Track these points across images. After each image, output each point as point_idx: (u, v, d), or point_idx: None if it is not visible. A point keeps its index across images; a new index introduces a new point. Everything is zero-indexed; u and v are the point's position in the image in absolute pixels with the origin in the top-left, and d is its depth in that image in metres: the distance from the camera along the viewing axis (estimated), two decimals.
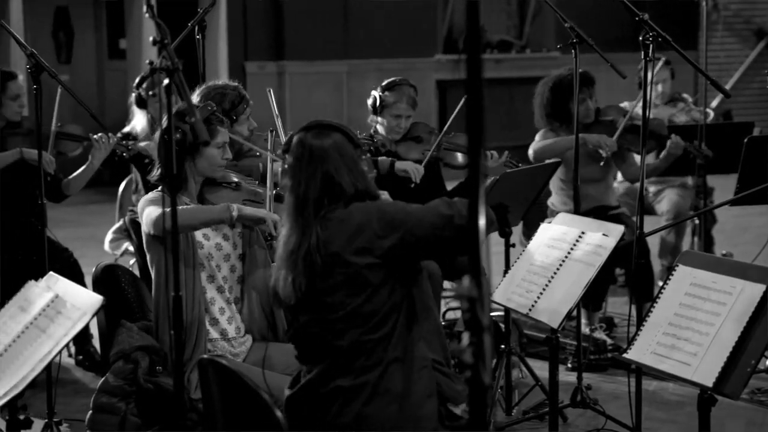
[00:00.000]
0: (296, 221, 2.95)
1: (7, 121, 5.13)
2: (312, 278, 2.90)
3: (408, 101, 5.05)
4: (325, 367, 2.93)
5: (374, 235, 2.86)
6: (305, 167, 2.95)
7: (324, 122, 3.05)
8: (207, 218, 3.60)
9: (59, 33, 12.45)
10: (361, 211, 2.90)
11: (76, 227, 8.90)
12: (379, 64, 11.29)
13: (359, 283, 2.87)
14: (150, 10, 2.82)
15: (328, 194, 2.92)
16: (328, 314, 2.91)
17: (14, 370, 2.89)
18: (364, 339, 2.88)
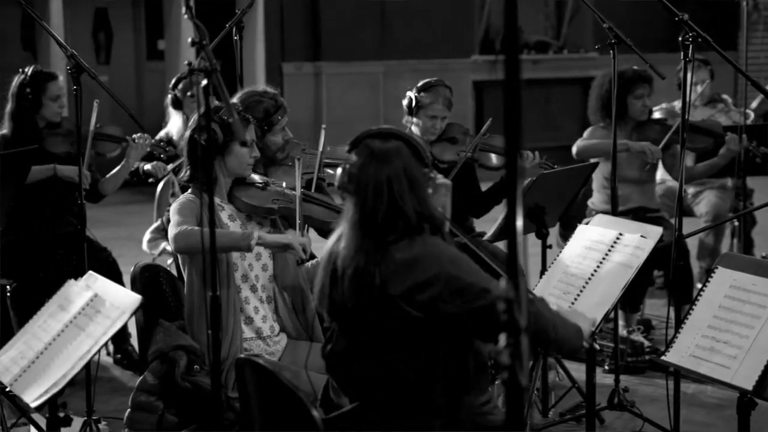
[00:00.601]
0: (360, 241, 2.77)
1: (48, 122, 5.18)
2: (362, 307, 2.78)
3: (444, 102, 5.04)
4: (360, 406, 2.85)
5: (438, 296, 2.68)
6: (371, 178, 2.76)
7: (393, 130, 2.87)
8: (226, 243, 3.54)
9: (98, 34, 12.56)
10: (434, 260, 2.71)
11: (114, 227, 8.98)
12: (415, 65, 11.29)
13: (409, 330, 2.73)
14: (189, 11, 2.83)
15: (392, 221, 2.74)
16: (372, 346, 2.80)
17: (54, 368, 2.91)
18: (404, 385, 2.77)
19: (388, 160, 2.77)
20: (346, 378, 2.92)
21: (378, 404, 2.83)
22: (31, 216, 5.13)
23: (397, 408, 2.80)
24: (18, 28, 11.98)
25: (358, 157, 2.81)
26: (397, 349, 2.76)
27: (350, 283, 2.78)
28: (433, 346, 2.76)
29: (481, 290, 2.68)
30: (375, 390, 2.83)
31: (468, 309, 2.68)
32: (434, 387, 2.78)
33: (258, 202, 3.79)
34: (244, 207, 3.79)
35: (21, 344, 3.05)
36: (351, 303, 2.79)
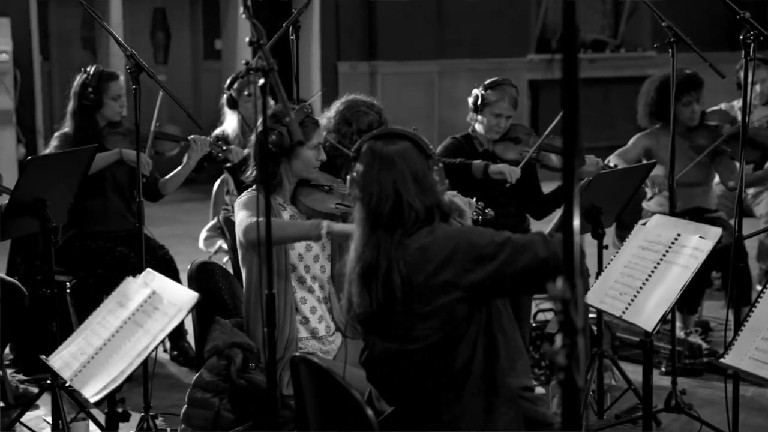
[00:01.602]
0: (369, 236, 2.84)
1: (108, 121, 5.25)
2: (390, 306, 2.80)
3: (510, 101, 5.03)
4: (403, 405, 2.86)
5: (461, 269, 2.72)
6: (375, 178, 2.83)
7: (394, 130, 2.94)
8: (295, 234, 3.59)
9: (156, 34, 12.69)
10: (446, 240, 2.76)
11: (171, 225, 9.07)
12: (470, 64, 11.27)
13: (442, 318, 2.76)
14: (247, 11, 2.85)
15: (399, 214, 2.80)
16: (405, 345, 2.82)
17: (113, 364, 2.95)
18: (444, 373, 2.79)
19: (391, 161, 2.83)
20: (384, 383, 2.93)
21: (417, 405, 2.83)
22: (91, 213, 5.20)
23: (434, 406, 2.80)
24: (78, 27, 12.15)
25: (361, 163, 2.87)
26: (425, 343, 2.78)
27: (358, 281, 2.81)
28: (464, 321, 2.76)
29: (498, 245, 2.73)
30: (411, 389, 2.84)
31: (495, 268, 2.72)
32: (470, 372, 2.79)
33: (319, 207, 3.79)
34: (305, 210, 3.81)
35: (81, 340, 3.09)
36: (363, 303, 2.82)
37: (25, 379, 5.17)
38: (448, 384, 2.80)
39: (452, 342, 2.78)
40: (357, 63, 11.46)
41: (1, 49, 9.46)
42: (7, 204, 4.29)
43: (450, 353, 2.78)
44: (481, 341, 2.79)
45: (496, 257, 2.71)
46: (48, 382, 4.14)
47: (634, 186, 4.80)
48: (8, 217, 4.24)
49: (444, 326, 2.76)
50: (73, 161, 4.47)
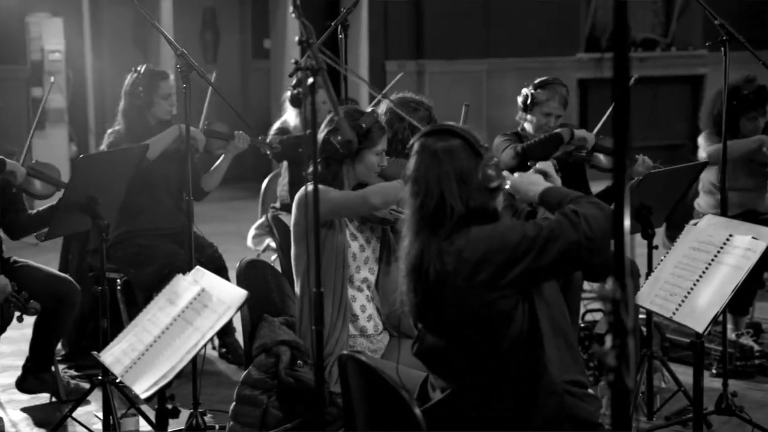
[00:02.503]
0: (416, 235, 2.85)
1: (158, 119, 5.29)
2: (435, 304, 2.82)
3: (559, 100, 5.01)
4: (451, 393, 2.87)
5: (498, 268, 2.73)
6: (422, 175, 2.83)
7: (447, 127, 2.92)
8: (393, 196, 3.66)
9: (206, 33, 12.78)
10: (481, 241, 2.76)
11: (220, 223, 9.13)
12: (518, 63, 11.22)
13: (485, 315, 2.77)
14: (296, 10, 2.86)
15: (442, 214, 2.79)
16: (453, 340, 2.84)
17: (163, 360, 2.97)
18: (487, 364, 2.80)
19: (438, 158, 2.82)
20: (438, 371, 2.94)
21: (464, 394, 2.84)
22: (141, 211, 5.25)
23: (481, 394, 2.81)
24: (130, 26, 12.27)
25: (412, 159, 2.88)
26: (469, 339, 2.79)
27: (407, 276, 2.82)
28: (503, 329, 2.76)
29: (530, 240, 2.72)
30: (461, 380, 2.85)
31: (529, 263, 2.72)
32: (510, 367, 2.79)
33: None
34: None
35: (131, 337, 3.12)
36: (416, 298, 2.82)
37: (77, 374, 5.23)
38: (488, 375, 2.81)
39: (496, 335, 2.79)
40: (405, 62, 11.45)
41: (54, 49, 9.58)
42: (59, 201, 4.34)
43: (493, 345, 2.79)
44: (524, 333, 2.80)
45: (529, 252, 2.72)
46: (99, 378, 4.19)
47: (685, 186, 4.75)
48: (61, 215, 4.30)
49: (487, 322, 2.77)
50: (124, 159, 4.52)
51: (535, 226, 2.77)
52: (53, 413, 4.75)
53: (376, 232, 3.89)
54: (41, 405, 4.88)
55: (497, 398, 2.81)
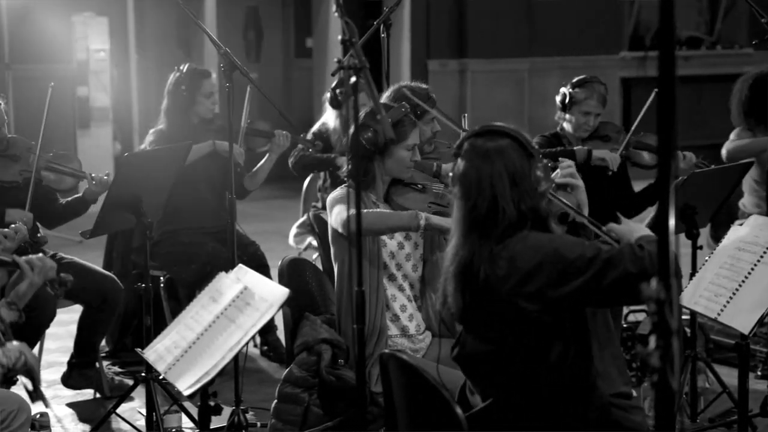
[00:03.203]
0: (466, 237, 2.80)
1: (201, 118, 5.32)
2: (480, 307, 2.79)
3: (598, 99, 4.98)
4: (492, 404, 2.84)
5: (548, 282, 2.68)
6: (473, 177, 2.78)
7: (497, 127, 2.87)
8: (395, 224, 3.62)
9: (249, 32, 12.85)
10: (534, 251, 2.70)
11: (262, 221, 9.16)
12: (561, 62, 11.16)
13: (528, 326, 2.73)
14: (339, 9, 2.87)
15: (494, 216, 2.75)
16: (494, 346, 2.80)
17: (206, 357, 2.99)
18: (532, 376, 2.76)
19: (489, 159, 2.78)
20: (478, 378, 2.91)
21: (508, 403, 2.81)
22: (184, 209, 5.28)
23: (527, 406, 2.78)
24: (173, 26, 12.36)
25: (462, 159, 2.83)
26: (516, 347, 2.75)
27: (454, 279, 2.79)
28: (551, 341, 2.73)
29: (587, 260, 2.65)
30: (504, 389, 2.82)
31: (582, 283, 2.65)
32: (559, 381, 2.74)
33: (412, 205, 3.79)
34: (398, 208, 3.81)
35: (174, 334, 3.14)
36: (457, 303, 2.79)
37: (121, 371, 5.28)
38: (536, 387, 2.77)
39: (540, 347, 2.74)
40: (447, 61, 11.43)
41: (99, 48, 9.68)
42: (104, 200, 4.38)
43: (538, 357, 2.75)
44: (571, 346, 2.75)
45: (584, 273, 2.65)
46: (143, 374, 4.22)
47: (730, 186, 4.70)
48: (105, 213, 4.33)
49: (531, 332, 2.73)
50: (168, 158, 4.55)
51: (594, 248, 2.69)
52: (97, 409, 4.80)
53: None
54: (85, 401, 4.93)
55: (540, 411, 2.78)
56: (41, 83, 4.85)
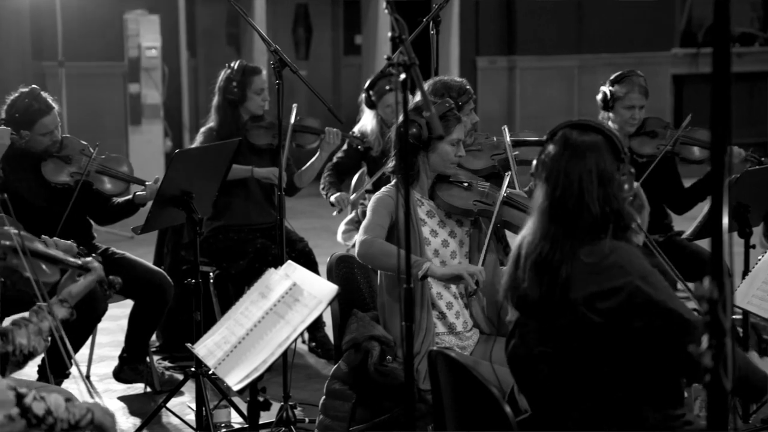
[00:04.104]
0: (547, 228, 2.73)
1: (251, 115, 5.35)
2: (547, 304, 2.73)
3: (640, 90, 4.94)
4: (542, 407, 2.82)
5: (620, 307, 2.61)
6: (563, 168, 2.72)
7: (593, 122, 2.81)
8: (394, 265, 3.47)
9: (298, 29, 12.89)
10: (623, 272, 2.63)
11: (310, 218, 9.19)
12: (611, 59, 11.07)
13: (587, 335, 2.67)
14: (389, 6, 2.87)
15: (578, 214, 2.69)
16: (549, 346, 2.75)
17: (255, 353, 3.00)
18: (584, 388, 2.72)
19: (581, 154, 2.72)
20: (526, 378, 2.89)
21: (554, 411, 2.78)
22: (234, 206, 5.32)
23: (573, 417, 2.74)
24: (223, 24, 12.44)
25: (554, 147, 2.77)
26: (575, 353, 2.71)
27: (531, 269, 2.75)
28: (613, 355, 2.68)
29: (668, 310, 2.59)
30: (552, 395, 2.78)
31: (650, 326, 2.60)
32: (614, 396, 2.70)
33: (457, 202, 3.79)
34: (443, 205, 3.80)
35: (224, 329, 3.16)
36: (532, 293, 2.75)
37: (171, 366, 5.33)
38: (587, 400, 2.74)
39: (594, 358, 2.70)
40: (496, 58, 11.39)
41: (151, 45, 9.77)
42: (155, 196, 4.42)
43: (591, 370, 2.70)
44: (627, 364, 2.70)
45: (656, 320, 2.60)
46: (192, 369, 4.26)
47: None
48: (156, 209, 4.38)
49: (584, 345, 2.70)
50: (218, 155, 4.58)
51: (676, 301, 2.62)
52: (148, 403, 4.85)
53: (465, 225, 3.86)
54: (136, 395, 4.98)
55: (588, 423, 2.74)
56: (94, 80, 4.90)
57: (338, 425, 3.71)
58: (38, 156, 4.68)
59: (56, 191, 4.70)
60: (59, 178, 4.68)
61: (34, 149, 4.66)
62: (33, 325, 2.92)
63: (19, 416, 2.44)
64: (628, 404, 2.71)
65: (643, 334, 2.62)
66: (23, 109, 4.59)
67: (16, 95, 4.66)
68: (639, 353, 2.67)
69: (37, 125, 4.61)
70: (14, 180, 4.62)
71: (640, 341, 2.64)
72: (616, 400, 2.71)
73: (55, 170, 4.69)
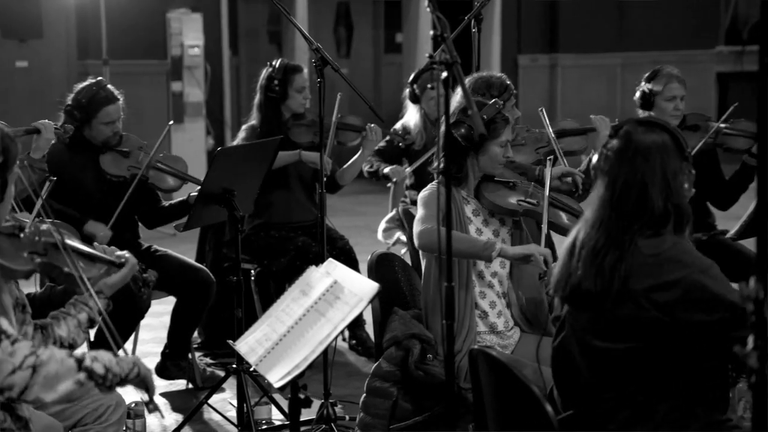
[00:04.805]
0: (606, 219, 2.75)
1: (292, 113, 5.37)
2: (601, 296, 2.72)
3: (677, 80, 4.94)
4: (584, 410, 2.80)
5: (677, 300, 2.63)
6: (626, 162, 2.74)
7: (659, 121, 2.84)
8: (467, 249, 3.56)
9: (339, 28, 12.92)
10: (683, 265, 2.65)
11: (351, 216, 9.21)
12: (655, 57, 10.96)
13: (640, 330, 2.68)
14: (431, 4, 2.86)
15: (641, 208, 2.71)
16: (600, 340, 2.75)
17: (296, 350, 3.00)
18: (632, 386, 2.71)
19: (647, 151, 2.74)
20: (570, 373, 2.87)
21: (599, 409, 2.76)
22: (275, 204, 5.34)
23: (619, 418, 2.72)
24: (265, 22, 12.50)
25: (618, 142, 2.79)
26: (631, 347, 2.70)
27: (588, 260, 2.74)
28: (670, 350, 2.67)
29: (727, 304, 2.59)
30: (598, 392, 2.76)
31: (707, 321, 2.60)
32: (663, 399, 2.68)
33: (502, 202, 3.78)
34: (488, 204, 3.79)
35: (265, 326, 3.17)
36: (587, 284, 2.74)
37: (213, 362, 5.36)
38: (636, 399, 2.72)
39: (650, 353, 2.69)
40: (537, 56, 11.35)
41: (193, 44, 9.84)
42: (197, 193, 4.45)
43: (646, 365, 2.69)
44: (680, 364, 2.69)
45: (715, 313, 2.60)
46: (234, 366, 4.28)
47: None
48: (198, 206, 4.40)
49: (640, 339, 2.68)
50: (260, 152, 4.60)
51: (735, 295, 2.61)
52: (189, 399, 4.88)
53: (507, 224, 3.86)
54: (178, 391, 5.02)
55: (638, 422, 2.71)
56: (137, 79, 4.95)
57: (378, 423, 3.71)
58: (98, 148, 4.76)
59: (112, 184, 4.75)
60: (116, 170, 4.74)
61: (95, 140, 4.75)
62: (71, 318, 2.96)
63: (87, 379, 2.55)
64: (680, 404, 2.69)
65: (702, 327, 2.62)
66: (90, 96, 4.71)
67: (84, 84, 4.79)
68: (695, 350, 2.66)
69: (101, 113, 4.71)
70: (74, 167, 4.71)
71: (697, 336, 2.64)
72: (668, 398, 2.69)
73: (113, 162, 4.76)
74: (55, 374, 2.51)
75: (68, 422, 3.20)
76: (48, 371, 2.50)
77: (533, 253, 3.57)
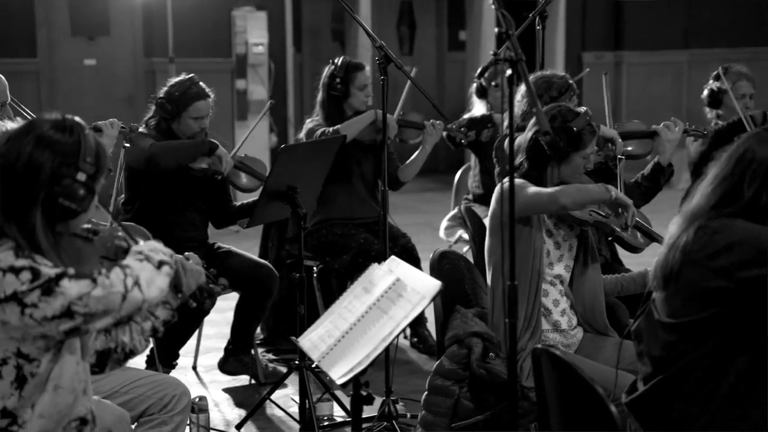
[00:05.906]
0: (714, 200, 2.75)
1: (355, 110, 5.38)
2: (673, 272, 2.73)
3: (746, 78, 4.90)
4: (656, 383, 2.77)
5: (739, 261, 2.62)
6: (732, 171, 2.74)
7: None
8: (590, 198, 3.59)
9: (402, 26, 12.92)
10: (738, 228, 2.67)
11: (412, 214, 9.21)
12: (723, 54, 10.81)
13: (701, 300, 2.67)
14: (496, 1, 2.85)
15: (732, 195, 2.71)
16: (666, 316, 2.74)
17: (358, 347, 3.01)
18: (695, 363, 2.69)
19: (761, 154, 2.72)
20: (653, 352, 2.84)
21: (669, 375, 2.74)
22: (337, 201, 5.36)
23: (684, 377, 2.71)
24: (328, 20, 12.54)
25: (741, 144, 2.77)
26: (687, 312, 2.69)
27: (689, 240, 2.72)
28: (727, 314, 2.64)
29: None
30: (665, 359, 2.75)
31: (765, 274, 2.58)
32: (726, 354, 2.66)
33: (576, 212, 3.74)
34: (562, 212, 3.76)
35: (328, 323, 3.18)
36: (677, 266, 2.73)
37: (275, 358, 5.40)
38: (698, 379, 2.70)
39: (710, 331, 2.67)
40: (602, 53, 11.24)
41: (258, 42, 9.91)
42: (261, 191, 4.49)
43: (705, 341, 2.68)
44: (746, 351, 2.66)
45: None
46: (296, 362, 4.30)
47: None
48: (262, 203, 4.44)
49: (701, 309, 2.67)
50: (323, 150, 4.62)
51: None
52: (252, 395, 4.92)
53: (575, 231, 3.82)
54: (241, 386, 5.06)
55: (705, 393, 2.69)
56: (202, 76, 5.01)
57: (440, 421, 3.70)
58: None
59: (193, 179, 4.80)
60: (198, 164, 4.80)
61: (183, 134, 4.84)
62: (136, 325, 2.98)
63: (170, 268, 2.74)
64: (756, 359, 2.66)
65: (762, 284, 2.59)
66: (183, 89, 4.81)
67: (178, 78, 4.91)
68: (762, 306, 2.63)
69: (192, 108, 4.80)
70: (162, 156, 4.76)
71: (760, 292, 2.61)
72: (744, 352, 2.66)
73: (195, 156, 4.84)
74: (150, 276, 2.65)
75: (134, 412, 3.24)
76: (145, 277, 2.64)
77: (630, 204, 3.61)
